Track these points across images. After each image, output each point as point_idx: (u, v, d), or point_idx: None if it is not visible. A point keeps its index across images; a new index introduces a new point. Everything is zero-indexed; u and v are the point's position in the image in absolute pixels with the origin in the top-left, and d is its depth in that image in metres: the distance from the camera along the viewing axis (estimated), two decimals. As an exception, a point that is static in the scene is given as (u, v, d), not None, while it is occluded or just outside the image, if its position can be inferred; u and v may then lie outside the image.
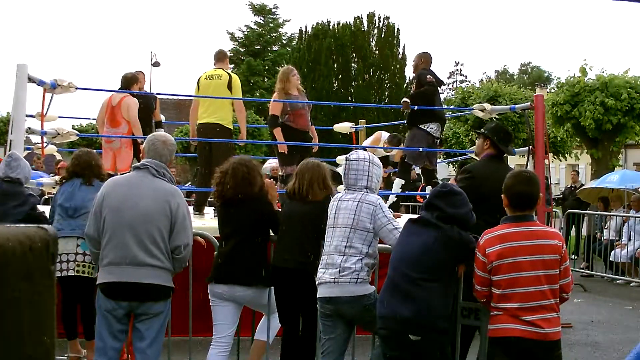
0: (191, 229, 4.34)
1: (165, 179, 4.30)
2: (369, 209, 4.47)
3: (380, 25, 32.48)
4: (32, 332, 1.11)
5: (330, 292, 4.45)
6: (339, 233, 4.52)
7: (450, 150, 21.93)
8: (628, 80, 17.00)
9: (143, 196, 4.20)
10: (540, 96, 7.93)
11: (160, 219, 4.16)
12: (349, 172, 4.65)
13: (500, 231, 3.82)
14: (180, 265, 4.32)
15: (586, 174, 24.59)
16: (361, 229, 4.45)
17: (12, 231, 1.10)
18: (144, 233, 4.13)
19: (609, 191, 13.69)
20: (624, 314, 8.87)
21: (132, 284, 4.13)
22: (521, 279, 3.70)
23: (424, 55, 8.50)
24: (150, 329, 4.25)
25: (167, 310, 4.32)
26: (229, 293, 4.77)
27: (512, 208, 3.86)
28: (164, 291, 4.24)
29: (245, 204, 4.84)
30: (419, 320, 3.89)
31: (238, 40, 39.69)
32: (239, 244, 4.81)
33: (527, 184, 3.85)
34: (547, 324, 3.69)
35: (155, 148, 4.35)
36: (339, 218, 4.56)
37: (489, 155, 5.00)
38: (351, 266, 4.41)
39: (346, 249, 4.45)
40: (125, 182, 4.34)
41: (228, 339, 4.82)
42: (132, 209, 4.16)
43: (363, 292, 4.43)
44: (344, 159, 4.80)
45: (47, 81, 7.21)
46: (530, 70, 63.47)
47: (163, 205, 4.18)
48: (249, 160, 4.99)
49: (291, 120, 7.99)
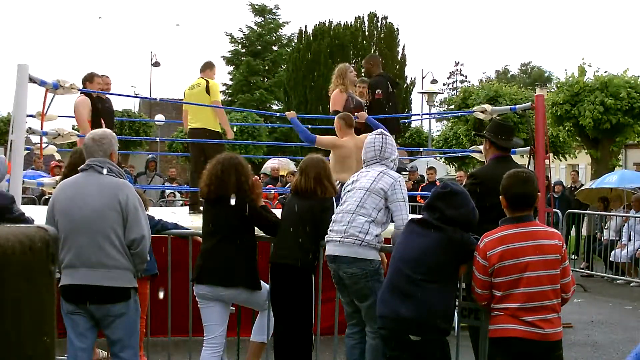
0: (146, 221, 4.17)
1: (113, 174, 4.17)
2: (389, 180, 4.64)
3: (380, 26, 32.44)
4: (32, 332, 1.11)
5: (334, 250, 4.57)
6: (352, 195, 4.68)
7: (450, 150, 21.93)
8: (627, 80, 16.99)
9: (91, 194, 4.08)
10: (541, 96, 7.92)
11: (111, 214, 4.04)
12: (371, 150, 4.84)
13: (500, 233, 3.81)
14: (140, 261, 4.16)
15: (586, 174, 24.58)
16: (375, 194, 4.60)
17: (12, 231, 1.10)
18: (96, 232, 4.02)
19: (608, 191, 13.69)
20: (624, 314, 8.87)
21: (88, 287, 4.02)
22: (523, 279, 3.69)
23: (374, 59, 8.60)
24: (117, 332, 4.15)
25: (130, 311, 4.16)
26: (212, 293, 4.74)
27: (511, 209, 3.85)
28: (122, 292, 4.10)
29: (224, 203, 4.78)
30: (420, 321, 3.89)
31: (237, 41, 39.68)
32: (219, 243, 4.76)
33: (524, 184, 3.83)
34: (548, 324, 3.68)
35: (87, 148, 4.26)
36: (358, 182, 4.74)
37: (495, 156, 4.92)
38: (358, 225, 4.53)
39: (357, 208, 4.59)
40: (72, 183, 4.23)
41: (219, 339, 4.80)
42: (82, 209, 4.06)
43: (366, 256, 4.50)
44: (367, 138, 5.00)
45: (49, 81, 7.20)
46: (530, 70, 63.44)
47: (111, 200, 4.05)
48: (229, 159, 4.89)
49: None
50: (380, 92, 8.10)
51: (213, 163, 4.91)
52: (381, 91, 8.11)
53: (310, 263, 4.83)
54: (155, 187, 15.63)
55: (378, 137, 4.90)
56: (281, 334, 4.87)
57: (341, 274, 4.58)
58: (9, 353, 1.07)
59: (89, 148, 4.25)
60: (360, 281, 4.52)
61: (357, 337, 4.78)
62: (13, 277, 1.09)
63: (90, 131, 4.83)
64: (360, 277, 4.51)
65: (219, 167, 4.82)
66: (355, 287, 4.57)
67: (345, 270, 4.54)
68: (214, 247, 4.77)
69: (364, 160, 4.91)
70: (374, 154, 4.84)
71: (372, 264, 4.53)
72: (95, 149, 4.22)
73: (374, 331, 4.62)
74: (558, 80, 18.74)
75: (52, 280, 1.21)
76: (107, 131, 4.42)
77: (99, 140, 4.25)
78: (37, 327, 1.12)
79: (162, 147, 25.87)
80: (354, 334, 4.81)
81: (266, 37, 39.64)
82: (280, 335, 4.88)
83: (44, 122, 7.43)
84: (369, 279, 4.51)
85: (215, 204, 4.83)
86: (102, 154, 4.21)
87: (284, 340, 4.85)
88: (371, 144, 4.88)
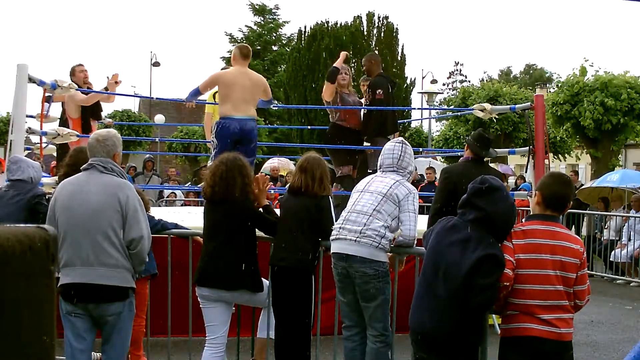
0: (145, 222, 4.18)
1: (114, 174, 4.18)
2: (404, 191, 4.66)
3: (380, 25, 32.44)
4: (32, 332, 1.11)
5: (347, 249, 4.55)
6: (368, 197, 4.67)
7: (450, 150, 21.93)
8: (628, 80, 17.00)
9: (91, 192, 4.10)
10: (541, 96, 7.91)
11: (111, 213, 4.05)
12: (389, 157, 4.83)
13: (527, 227, 3.80)
14: (139, 261, 4.16)
15: (586, 174, 24.59)
16: (391, 201, 4.60)
17: (12, 231, 1.10)
18: (96, 230, 4.03)
19: (608, 191, 13.68)
20: (624, 314, 8.88)
21: (86, 285, 4.02)
22: (540, 276, 3.66)
23: (375, 58, 8.58)
24: (111, 332, 4.16)
25: (126, 311, 4.17)
26: (214, 295, 4.74)
27: (544, 206, 3.80)
28: (119, 292, 4.11)
29: (225, 205, 4.76)
30: (447, 334, 3.74)
31: (237, 41, 39.66)
32: (220, 245, 4.75)
33: (564, 185, 3.84)
34: (563, 324, 3.67)
35: (90, 147, 4.28)
36: (372, 185, 4.73)
37: (467, 158, 5.68)
38: (376, 229, 4.53)
39: (374, 212, 4.59)
40: (74, 181, 4.24)
41: (221, 339, 4.80)
42: (82, 207, 4.07)
43: (379, 257, 4.52)
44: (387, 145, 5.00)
45: (47, 82, 7.20)
46: (530, 70, 63.43)
47: (111, 199, 4.06)
48: (233, 160, 4.85)
49: (343, 118, 8.05)
50: (382, 92, 8.09)
51: (216, 163, 4.89)
52: (382, 92, 8.09)
53: (310, 263, 4.82)
54: (153, 187, 15.63)
55: (398, 145, 4.86)
56: (281, 334, 4.87)
57: (352, 272, 4.56)
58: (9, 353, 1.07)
59: (93, 148, 4.26)
60: (371, 281, 4.52)
61: (357, 339, 4.77)
62: (13, 277, 1.09)
63: (96, 131, 4.88)
64: (372, 277, 4.51)
65: (223, 167, 4.79)
66: (365, 286, 4.56)
67: (358, 269, 4.52)
68: (215, 249, 4.76)
69: (380, 166, 4.88)
70: (391, 162, 4.81)
71: (383, 265, 4.55)
72: (99, 149, 4.24)
73: (375, 335, 4.61)
74: (558, 80, 18.71)
75: (52, 280, 1.21)
76: (112, 132, 4.42)
77: (103, 140, 4.26)
78: (36, 326, 1.12)
79: (162, 147, 25.86)
80: (352, 336, 4.79)
81: (266, 37, 39.60)
82: (281, 336, 4.88)
83: (43, 123, 7.42)
84: (380, 279, 4.53)
85: (218, 205, 4.82)
86: (105, 155, 4.23)
87: (284, 340, 4.85)
88: (390, 151, 4.86)
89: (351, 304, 4.73)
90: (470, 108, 9.78)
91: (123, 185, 4.17)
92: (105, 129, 4.58)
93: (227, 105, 6.93)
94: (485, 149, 5.70)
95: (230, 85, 6.94)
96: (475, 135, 5.82)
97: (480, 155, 5.67)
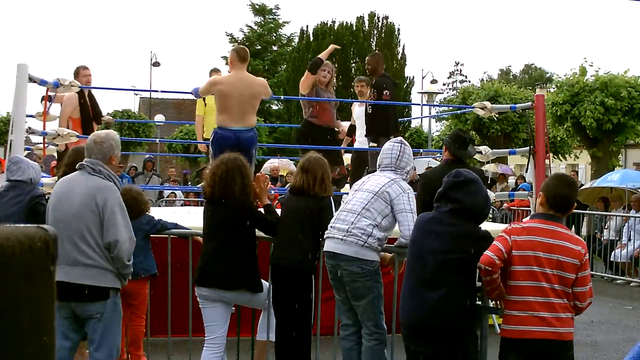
0: (125, 226, 4.13)
1: (102, 176, 4.19)
2: (398, 189, 4.64)
3: (380, 25, 32.45)
4: (32, 332, 1.11)
5: (335, 247, 4.57)
6: (360, 195, 4.68)
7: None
8: (628, 80, 17.00)
9: (76, 193, 4.15)
10: (541, 96, 7.91)
11: (87, 215, 4.07)
12: (388, 156, 4.82)
13: (528, 224, 3.84)
14: (120, 264, 4.12)
15: (586, 174, 24.59)
16: (382, 199, 4.59)
17: (12, 231, 1.10)
18: (74, 230, 4.06)
19: (608, 191, 13.69)
20: (624, 314, 8.87)
21: (68, 284, 4.02)
22: (538, 273, 3.68)
23: (379, 57, 8.54)
24: (95, 332, 4.16)
25: (108, 311, 4.15)
26: (214, 295, 4.73)
27: (548, 207, 3.82)
28: (99, 291, 4.10)
29: (225, 205, 4.75)
30: (439, 324, 3.84)
31: (237, 41, 39.64)
32: (220, 245, 4.75)
33: (568, 187, 3.86)
34: (563, 323, 3.67)
35: (88, 147, 4.31)
36: (366, 184, 4.74)
37: (446, 160, 5.48)
38: (363, 227, 4.53)
39: (363, 210, 4.59)
40: (64, 182, 4.31)
41: (221, 339, 4.79)
42: (66, 207, 4.13)
43: (366, 256, 4.51)
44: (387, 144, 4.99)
45: (49, 81, 7.20)
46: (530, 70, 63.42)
47: (89, 201, 4.08)
48: (233, 160, 4.83)
49: (315, 115, 7.89)
50: (388, 92, 8.03)
51: (216, 163, 4.88)
52: (389, 92, 8.04)
53: (310, 263, 4.82)
54: (153, 187, 15.64)
55: (397, 145, 4.86)
56: (282, 334, 4.87)
57: (340, 271, 4.59)
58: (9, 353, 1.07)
59: (89, 149, 4.28)
60: (359, 280, 4.53)
61: (354, 339, 4.77)
62: (13, 277, 1.09)
63: (94, 132, 4.88)
64: (359, 276, 4.52)
65: (223, 167, 4.78)
66: (353, 285, 4.58)
67: (345, 268, 4.55)
68: (215, 249, 4.76)
69: (379, 165, 4.89)
70: (389, 161, 4.82)
71: (371, 264, 4.54)
72: (95, 150, 4.25)
73: (370, 332, 4.61)
74: (558, 80, 18.69)
75: (52, 280, 1.20)
76: (111, 134, 4.42)
77: (100, 142, 4.27)
78: (36, 326, 1.12)
79: (161, 147, 25.85)
80: (349, 335, 4.79)
81: (266, 37, 39.58)
82: (281, 336, 4.87)
83: (45, 122, 7.42)
84: (368, 278, 4.53)
85: (218, 205, 4.81)
86: (100, 157, 4.23)
87: (284, 340, 4.85)
88: (389, 150, 4.86)
89: (345, 302, 4.74)
90: (471, 106, 9.77)
91: (104, 187, 4.16)
92: (104, 131, 4.58)
93: (223, 116, 6.69)
94: (464, 148, 5.50)
95: (226, 97, 6.63)
96: (453, 135, 5.64)
97: (459, 156, 5.47)
